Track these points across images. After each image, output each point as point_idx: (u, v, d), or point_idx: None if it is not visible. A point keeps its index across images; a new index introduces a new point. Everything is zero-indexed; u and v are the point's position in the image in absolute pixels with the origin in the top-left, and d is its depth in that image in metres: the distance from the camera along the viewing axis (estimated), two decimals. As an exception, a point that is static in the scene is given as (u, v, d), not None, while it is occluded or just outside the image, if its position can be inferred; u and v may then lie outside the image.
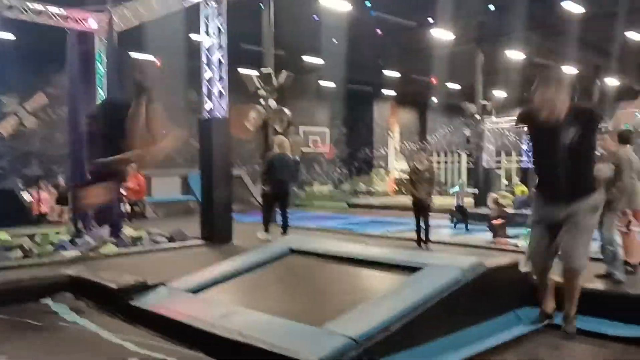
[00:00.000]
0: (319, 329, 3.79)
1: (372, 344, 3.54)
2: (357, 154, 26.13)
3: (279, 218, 8.46)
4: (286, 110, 13.05)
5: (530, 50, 19.39)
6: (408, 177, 8.36)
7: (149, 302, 4.84)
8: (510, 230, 10.10)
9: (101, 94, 8.99)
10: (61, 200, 12.47)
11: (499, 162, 21.17)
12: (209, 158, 7.89)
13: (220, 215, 7.91)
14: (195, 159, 8.90)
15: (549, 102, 3.64)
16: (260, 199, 8.88)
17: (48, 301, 5.24)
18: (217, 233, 7.81)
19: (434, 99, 26.84)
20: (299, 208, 16.83)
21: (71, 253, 7.06)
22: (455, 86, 24.93)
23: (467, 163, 22.63)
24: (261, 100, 12.95)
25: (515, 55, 19.70)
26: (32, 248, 7.17)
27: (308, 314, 4.09)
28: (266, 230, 8.16)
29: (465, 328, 4.05)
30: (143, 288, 5.06)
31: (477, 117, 17.50)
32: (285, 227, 8.12)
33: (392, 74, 23.70)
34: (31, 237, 7.66)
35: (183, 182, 16.18)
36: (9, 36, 13.48)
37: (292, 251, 6.02)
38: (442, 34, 17.21)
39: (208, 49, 7.91)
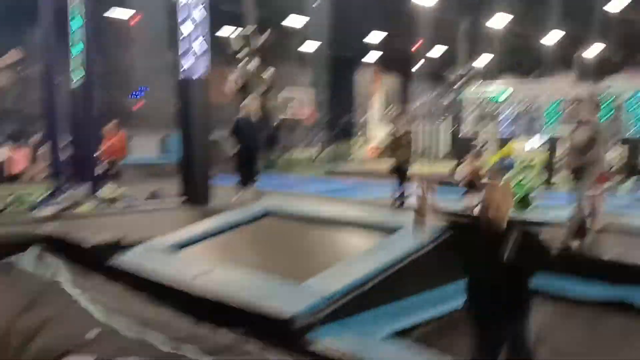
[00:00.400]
0: (293, 287, 3.87)
1: (345, 301, 3.63)
2: (339, 119, 26.06)
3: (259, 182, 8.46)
4: (267, 73, 12.91)
5: (514, 17, 19.36)
6: (386, 144, 8.41)
7: (125, 261, 4.85)
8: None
9: (74, 52, 8.76)
10: (35, 158, 12.29)
11: (477, 131, 21.33)
12: (188, 118, 7.81)
13: (199, 177, 7.88)
14: (173, 119, 8.79)
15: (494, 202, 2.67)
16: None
17: (20, 257, 5.19)
18: (195, 194, 7.80)
19: (417, 66, 26.75)
20: (278, 173, 16.82)
21: (47, 211, 7.00)
22: (439, 54, 24.84)
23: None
24: (241, 63, 12.77)
25: (499, 22, 19.65)
26: (5, 207, 7.09)
27: (284, 273, 4.16)
28: (243, 187, 8.11)
29: (433, 289, 4.16)
30: (119, 247, 5.07)
31: (457, 85, 17.54)
32: (244, 184, 8.10)
33: (375, 39, 23.48)
34: (5, 196, 7.56)
35: (161, 143, 16.02)
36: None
37: (269, 213, 6.06)
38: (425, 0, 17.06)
39: (186, 4, 7.71)
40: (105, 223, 6.35)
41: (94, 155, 8.55)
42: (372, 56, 26.27)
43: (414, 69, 27.30)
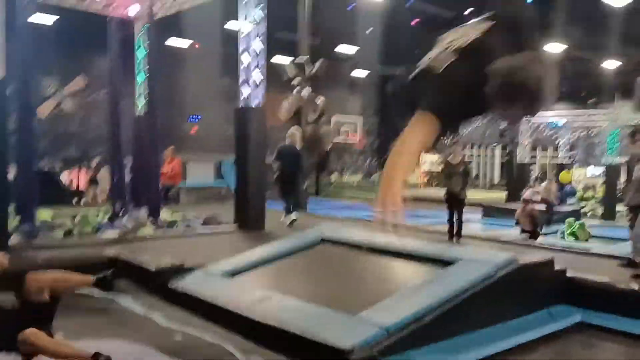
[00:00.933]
0: (351, 317, 3.86)
1: (404, 334, 3.60)
2: (389, 144, 26.01)
3: (311, 206, 8.61)
4: (320, 99, 13.10)
5: (571, 43, 18.95)
6: (441, 171, 8.36)
7: (186, 284, 4.98)
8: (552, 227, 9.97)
9: (139, 80, 9.18)
10: (95, 181, 12.84)
11: (534, 157, 20.81)
12: (245, 146, 8.00)
13: (254, 202, 8.03)
14: (229, 145, 9.02)
15: None
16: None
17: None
18: (250, 219, 7.93)
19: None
20: (329, 198, 16.90)
21: (110, 234, 7.27)
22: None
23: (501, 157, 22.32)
24: (295, 89, 13.02)
25: (555, 48, 19.28)
26: (72, 229, 7.42)
27: (341, 302, 4.16)
28: (287, 214, 8.40)
29: (497, 323, 4.07)
30: (180, 271, 5.21)
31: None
32: (289, 211, 8.44)
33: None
34: (72, 218, 7.91)
35: (216, 168, 16.42)
36: (49, 20, 13.79)
37: (324, 240, 6.09)
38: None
39: (247, 36, 7.98)
40: (164, 246, 6.54)
41: (154, 179, 8.87)
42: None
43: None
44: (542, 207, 10.43)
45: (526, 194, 9.97)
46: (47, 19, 13.80)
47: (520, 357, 3.71)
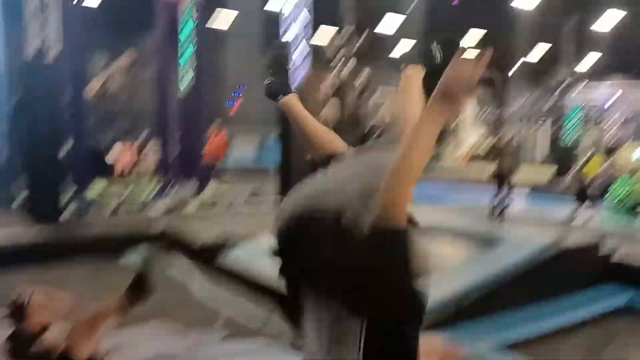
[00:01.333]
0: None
1: (446, 312, 3.60)
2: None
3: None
4: (362, 74, 12.92)
5: (632, 10, 17.93)
6: (488, 148, 8.19)
7: (231, 259, 5.10)
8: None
9: (185, 57, 9.30)
10: (143, 157, 13.13)
11: (585, 133, 20.02)
12: (288, 122, 8.02)
13: (296, 179, 8.06)
14: (273, 121, 9.06)
15: None
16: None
17: (139, 251, 5.65)
18: (292, 196, 7.99)
19: (516, 67, 25.64)
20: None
21: (157, 209, 7.49)
22: (541, 53, 23.65)
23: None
24: (337, 65, 12.88)
25: (609, 20, 18.36)
26: (122, 202, 7.66)
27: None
28: None
29: (540, 304, 4.02)
30: (225, 246, 5.33)
31: (563, 85, 16.61)
32: None
33: (473, 38, 22.78)
34: (120, 193, 8.17)
35: (259, 144, 16.54)
36: (95, 2, 14.04)
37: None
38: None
39: (291, 10, 7.92)
40: (209, 222, 6.67)
41: (199, 155, 9.04)
42: (470, 55, 25.48)
43: (512, 70, 26.19)
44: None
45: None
46: (93, 1, 14.07)
47: (565, 338, 3.66)
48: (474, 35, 22.61)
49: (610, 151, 17.24)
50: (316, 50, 11.81)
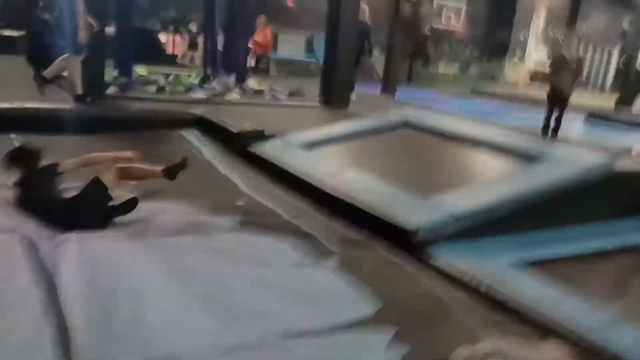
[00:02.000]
0: (422, 200, 3.81)
1: (474, 223, 3.51)
2: (494, 35, 24.10)
3: (400, 94, 8.32)
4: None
5: None
6: (550, 64, 7.63)
7: (264, 150, 5.10)
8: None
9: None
10: (192, 45, 13.07)
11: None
12: (336, 20, 7.69)
13: (341, 80, 7.86)
14: (322, 21, 8.69)
15: None
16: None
17: (181, 132, 5.71)
18: (335, 97, 7.83)
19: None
20: (421, 86, 16.32)
21: (199, 95, 7.49)
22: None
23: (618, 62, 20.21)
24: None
25: None
26: (165, 86, 7.70)
27: (414, 185, 4.10)
28: None
29: (577, 226, 3.86)
30: (261, 136, 5.32)
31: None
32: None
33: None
34: (165, 76, 8.19)
35: (307, 43, 16.12)
36: None
37: (407, 124, 5.94)
38: None
39: None
40: (248, 112, 6.64)
41: (245, 47, 8.86)
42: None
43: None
44: None
45: None
46: None
47: (593, 262, 3.53)
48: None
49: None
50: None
